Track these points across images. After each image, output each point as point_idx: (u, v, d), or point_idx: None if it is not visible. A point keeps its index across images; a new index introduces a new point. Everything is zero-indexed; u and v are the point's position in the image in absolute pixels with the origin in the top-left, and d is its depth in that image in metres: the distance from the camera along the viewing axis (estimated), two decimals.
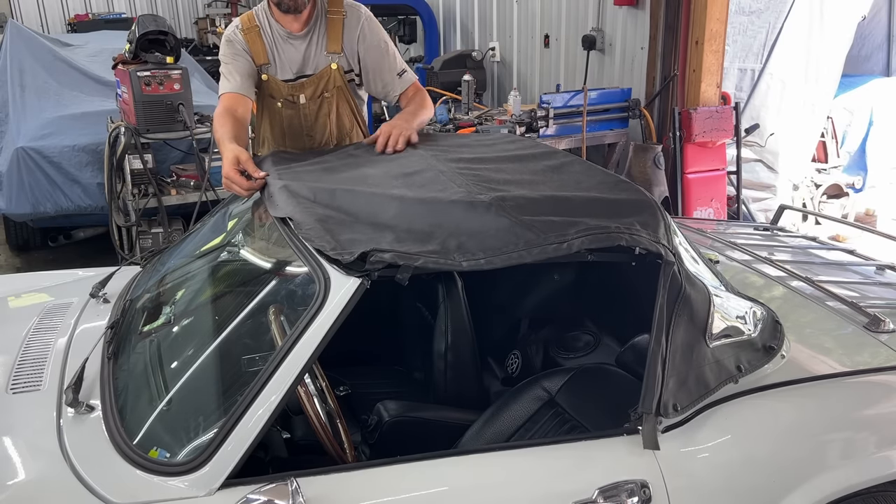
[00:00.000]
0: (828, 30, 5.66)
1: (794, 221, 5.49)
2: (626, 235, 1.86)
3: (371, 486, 1.68)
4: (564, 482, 1.76)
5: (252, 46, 2.83)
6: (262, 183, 2.31)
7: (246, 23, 2.87)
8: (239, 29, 2.86)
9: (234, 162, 2.37)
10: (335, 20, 2.87)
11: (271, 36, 2.86)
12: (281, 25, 2.85)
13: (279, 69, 2.89)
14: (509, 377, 2.78)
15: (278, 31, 2.86)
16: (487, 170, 2.23)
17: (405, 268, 1.68)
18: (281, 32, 2.85)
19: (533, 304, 2.87)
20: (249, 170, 2.35)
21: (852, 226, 4.85)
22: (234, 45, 2.85)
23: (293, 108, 2.91)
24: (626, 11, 5.34)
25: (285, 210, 2.03)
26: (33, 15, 11.24)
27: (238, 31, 2.86)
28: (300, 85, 2.89)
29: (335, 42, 2.87)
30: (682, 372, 1.84)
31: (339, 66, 2.89)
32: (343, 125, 3.00)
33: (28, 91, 5.71)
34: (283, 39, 2.86)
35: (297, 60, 2.89)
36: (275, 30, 2.86)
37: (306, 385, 1.79)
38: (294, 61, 2.89)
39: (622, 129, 5.25)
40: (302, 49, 2.87)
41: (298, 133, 2.93)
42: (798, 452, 1.95)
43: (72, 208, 5.15)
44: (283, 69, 2.89)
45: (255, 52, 2.83)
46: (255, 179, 2.33)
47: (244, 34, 2.85)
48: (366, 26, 2.89)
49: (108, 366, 1.99)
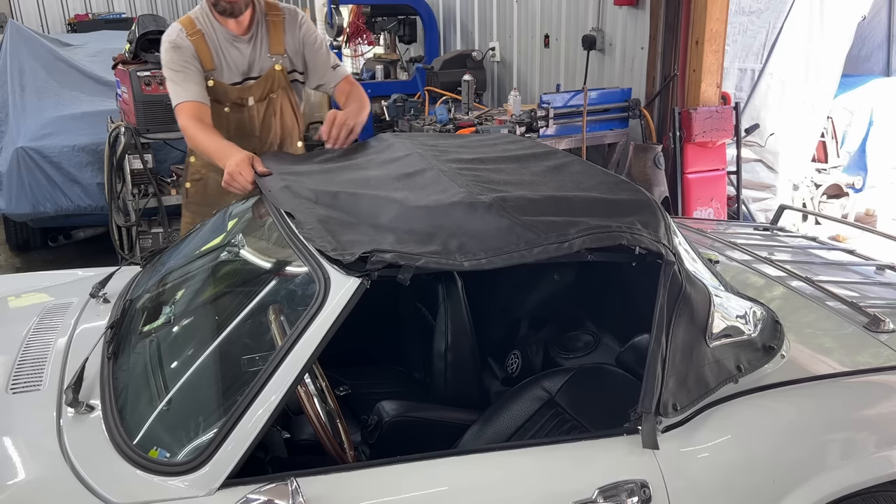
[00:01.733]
0: (828, 30, 5.66)
1: (794, 221, 5.49)
2: (627, 235, 1.86)
3: (371, 486, 1.68)
4: (564, 482, 1.76)
5: (199, 52, 2.82)
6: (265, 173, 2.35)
7: (189, 27, 2.83)
8: (185, 34, 2.81)
9: (249, 159, 2.42)
10: (276, 22, 2.93)
11: (216, 40, 2.85)
12: (225, 29, 2.85)
13: (226, 73, 2.90)
14: (509, 377, 2.78)
15: (223, 35, 2.86)
16: (488, 170, 2.24)
17: (406, 268, 1.68)
18: (226, 36, 2.86)
19: (533, 304, 2.87)
20: (260, 170, 2.39)
21: (852, 226, 4.85)
22: (183, 51, 2.81)
23: (241, 112, 2.93)
24: (626, 11, 5.34)
25: (287, 206, 2.03)
26: (33, 15, 11.25)
27: (184, 37, 2.81)
28: (248, 87, 2.92)
29: (278, 44, 2.93)
30: (681, 372, 1.84)
31: (282, 67, 2.96)
32: (286, 124, 3.09)
33: (28, 91, 5.72)
34: (229, 43, 2.87)
35: (242, 63, 2.91)
36: (219, 33, 2.85)
37: (306, 385, 1.79)
38: (240, 64, 2.91)
39: (622, 129, 5.24)
40: (247, 52, 2.90)
41: (246, 135, 2.95)
42: (798, 452, 1.95)
43: (72, 208, 5.15)
44: (230, 73, 2.91)
45: (203, 57, 2.83)
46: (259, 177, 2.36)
47: (191, 39, 2.82)
48: (304, 26, 2.99)
49: (108, 366, 1.99)
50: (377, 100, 6.54)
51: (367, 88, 6.99)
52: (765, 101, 5.65)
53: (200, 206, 3.13)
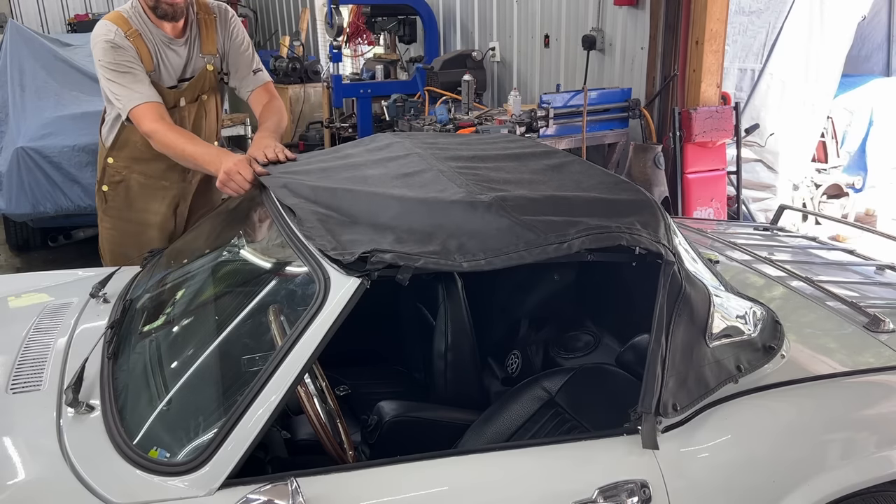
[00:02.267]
0: (828, 30, 5.66)
1: (794, 221, 5.49)
2: (626, 235, 1.86)
3: (371, 487, 1.68)
4: (564, 482, 1.76)
5: (140, 53, 2.73)
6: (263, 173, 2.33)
7: (125, 26, 2.72)
8: (122, 34, 2.70)
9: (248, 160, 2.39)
10: (208, 21, 2.89)
11: (154, 42, 2.78)
12: (161, 31, 2.79)
13: (164, 76, 2.84)
14: (509, 377, 2.78)
15: (160, 37, 2.79)
16: (487, 168, 2.23)
17: (406, 268, 1.68)
18: (163, 38, 2.80)
19: (533, 303, 2.87)
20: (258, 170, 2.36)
21: (852, 226, 4.85)
22: (125, 51, 2.69)
23: (172, 114, 2.85)
24: (626, 11, 5.33)
25: (289, 201, 2.03)
26: (33, 15, 11.24)
27: (123, 36, 2.70)
28: (181, 91, 2.87)
29: (210, 44, 2.90)
30: (681, 372, 1.84)
31: (213, 68, 2.94)
32: (211, 125, 3.06)
33: (28, 91, 5.71)
34: (166, 45, 2.81)
35: (179, 66, 2.87)
36: (155, 35, 2.78)
37: (306, 385, 1.79)
38: (177, 67, 2.86)
39: (622, 129, 5.24)
40: (184, 54, 2.86)
41: None
42: (798, 452, 1.95)
43: (72, 208, 5.15)
44: (168, 76, 2.85)
45: (144, 59, 2.75)
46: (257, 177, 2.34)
47: (130, 40, 2.71)
48: (234, 25, 2.96)
49: (108, 366, 1.99)
50: (377, 100, 6.55)
51: (367, 88, 7.03)
52: (765, 101, 5.65)
53: (122, 212, 3.02)
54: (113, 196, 3.01)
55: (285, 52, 8.24)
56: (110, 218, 3.05)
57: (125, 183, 2.99)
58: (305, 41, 9.33)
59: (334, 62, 7.07)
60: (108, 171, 3.00)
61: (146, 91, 2.70)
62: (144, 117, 2.67)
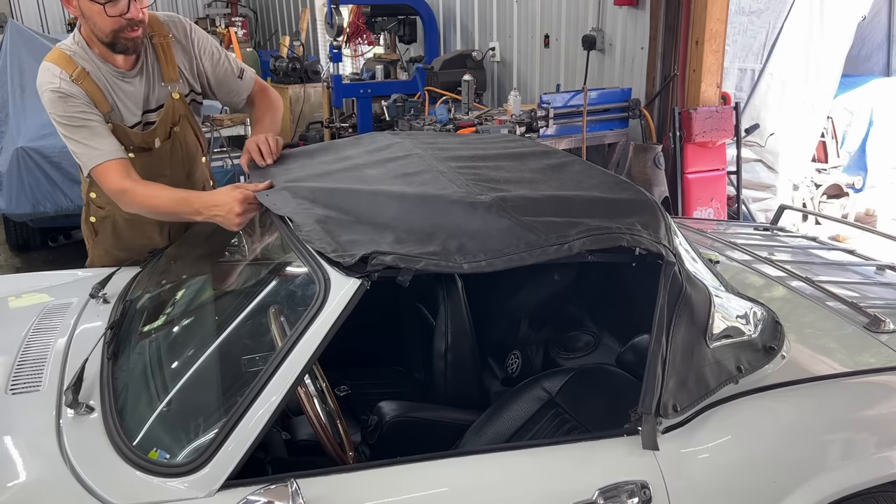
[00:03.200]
0: (828, 30, 5.66)
1: (794, 221, 5.49)
2: (627, 236, 1.86)
3: (371, 487, 1.68)
4: (564, 483, 1.76)
5: (92, 95, 2.39)
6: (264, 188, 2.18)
7: (69, 67, 2.38)
8: (68, 77, 2.36)
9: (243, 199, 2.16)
10: (164, 45, 2.53)
11: (104, 78, 2.44)
12: (111, 66, 2.44)
13: (124, 113, 2.50)
14: (509, 377, 2.78)
15: (109, 72, 2.45)
16: (487, 167, 2.23)
17: (406, 270, 1.68)
18: (113, 73, 2.45)
19: (533, 304, 2.87)
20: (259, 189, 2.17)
21: (852, 226, 4.85)
22: (75, 100, 2.36)
23: (148, 156, 2.57)
24: (626, 11, 5.34)
25: (284, 210, 2.02)
26: (33, 15, 11.25)
27: (69, 81, 2.36)
28: (152, 131, 2.56)
29: (171, 69, 2.55)
30: (681, 372, 1.84)
31: (179, 94, 2.59)
32: (191, 154, 2.74)
33: (28, 91, 5.71)
34: (118, 79, 2.47)
35: (137, 98, 2.52)
36: (105, 71, 2.44)
37: (306, 386, 1.79)
38: (136, 101, 2.52)
39: (622, 129, 5.24)
40: (141, 86, 2.51)
41: (154, 177, 2.48)
42: (798, 453, 1.95)
43: (72, 208, 5.15)
44: (128, 112, 2.51)
45: (97, 100, 2.41)
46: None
47: (78, 83, 2.37)
48: (195, 38, 2.59)
49: (108, 366, 1.99)
50: (377, 100, 6.56)
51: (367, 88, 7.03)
52: (765, 101, 5.65)
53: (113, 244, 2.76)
54: (102, 228, 2.78)
55: (285, 52, 8.24)
56: (101, 246, 2.82)
57: (111, 219, 2.75)
58: (305, 41, 9.34)
59: (334, 62, 7.08)
60: (92, 206, 2.76)
61: (106, 147, 2.39)
62: (107, 177, 2.38)
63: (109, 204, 2.66)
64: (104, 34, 2.35)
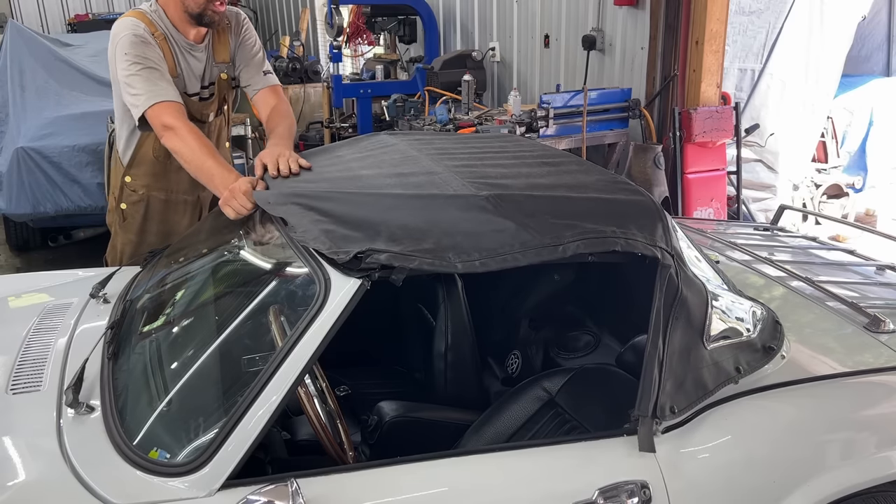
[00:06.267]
0: (828, 30, 5.66)
1: (794, 221, 5.49)
2: (621, 241, 1.85)
3: (371, 487, 1.68)
4: (564, 483, 1.76)
5: (165, 55, 2.60)
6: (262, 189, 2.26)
7: (152, 27, 2.58)
8: (149, 33, 2.57)
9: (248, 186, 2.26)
10: (223, 28, 2.78)
11: (176, 45, 2.65)
12: (184, 36, 2.67)
13: (187, 82, 2.71)
14: (509, 377, 2.78)
15: (182, 43, 2.67)
16: (484, 165, 2.23)
17: (400, 269, 1.68)
18: (185, 44, 2.68)
19: (533, 303, 2.87)
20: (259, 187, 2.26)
21: (852, 226, 4.85)
22: (153, 48, 2.54)
23: (202, 128, 2.71)
24: (626, 11, 5.33)
25: (280, 211, 2.02)
26: (33, 15, 11.26)
27: (150, 35, 2.56)
28: (209, 103, 2.76)
29: (224, 52, 2.80)
30: (679, 374, 1.84)
31: (227, 76, 2.83)
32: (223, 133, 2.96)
33: (28, 91, 5.71)
34: (187, 50, 2.69)
35: (199, 72, 2.75)
36: (178, 40, 2.65)
37: (306, 385, 1.79)
38: (197, 73, 2.75)
39: (622, 130, 5.24)
40: (203, 60, 2.75)
41: None
42: (798, 453, 1.95)
43: (72, 208, 5.15)
44: (191, 82, 2.73)
45: (168, 63, 2.61)
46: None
47: (157, 41, 2.58)
48: (245, 28, 2.86)
49: (108, 366, 1.99)
50: (377, 100, 6.55)
51: (367, 88, 7.03)
52: (765, 101, 5.65)
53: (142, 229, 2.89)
54: (132, 214, 2.90)
55: (285, 52, 8.23)
56: (127, 233, 2.94)
57: (144, 202, 2.90)
58: (305, 41, 9.33)
59: (334, 62, 7.07)
60: (125, 191, 2.89)
61: (170, 90, 2.53)
62: (164, 113, 2.49)
63: (144, 187, 2.85)
64: (196, 4, 2.57)
